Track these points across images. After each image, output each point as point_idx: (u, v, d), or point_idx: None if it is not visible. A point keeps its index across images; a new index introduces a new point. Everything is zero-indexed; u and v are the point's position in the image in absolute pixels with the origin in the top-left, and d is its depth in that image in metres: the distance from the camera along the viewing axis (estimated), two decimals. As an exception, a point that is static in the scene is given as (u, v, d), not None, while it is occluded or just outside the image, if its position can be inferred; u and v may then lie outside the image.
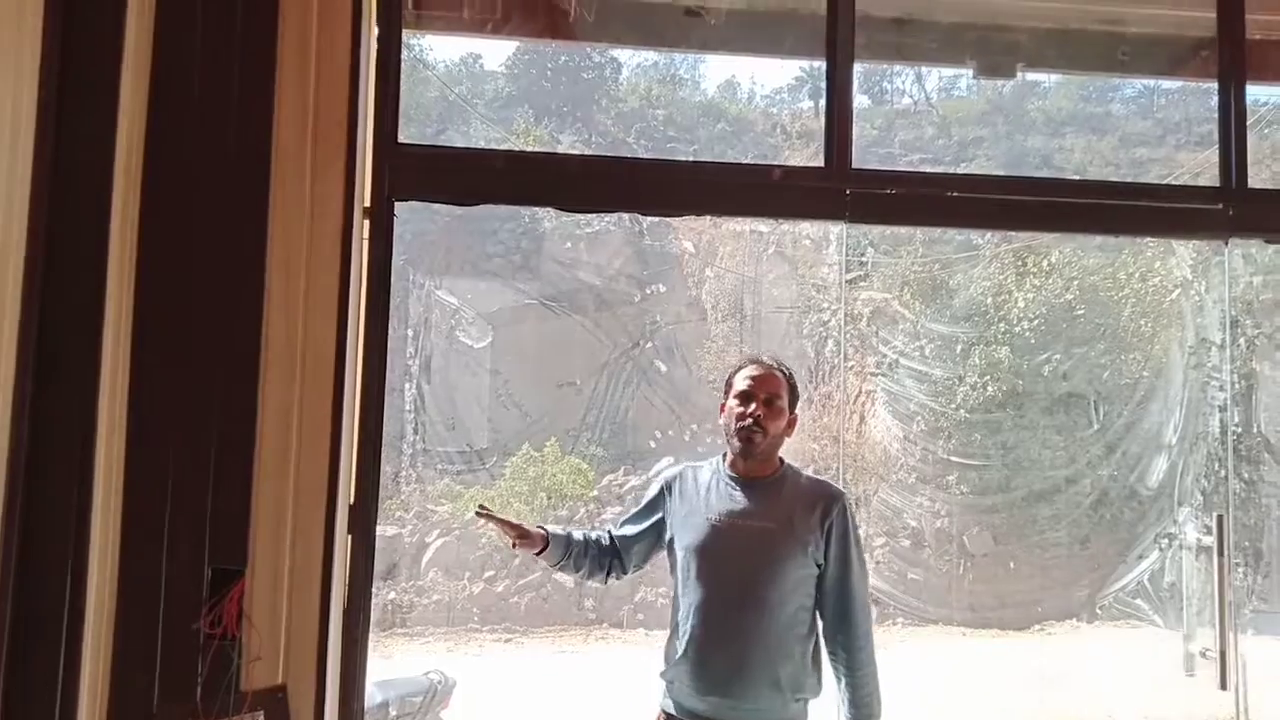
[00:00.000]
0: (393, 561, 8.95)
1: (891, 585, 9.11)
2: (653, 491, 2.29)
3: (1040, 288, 9.77)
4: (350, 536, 2.11)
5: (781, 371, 2.24)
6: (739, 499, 2.17)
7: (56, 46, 1.87)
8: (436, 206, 2.56)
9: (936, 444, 9.45)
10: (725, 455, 2.25)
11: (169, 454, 1.97)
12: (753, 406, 2.17)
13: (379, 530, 2.20)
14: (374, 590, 2.22)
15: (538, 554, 2.24)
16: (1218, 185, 2.61)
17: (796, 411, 2.24)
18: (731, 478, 2.20)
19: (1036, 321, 9.58)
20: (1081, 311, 9.74)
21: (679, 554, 2.18)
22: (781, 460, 2.23)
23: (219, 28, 2.07)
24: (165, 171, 2.03)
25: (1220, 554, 2.77)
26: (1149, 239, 9.12)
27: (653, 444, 9.96)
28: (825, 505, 2.15)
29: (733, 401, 2.21)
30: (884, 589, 9.07)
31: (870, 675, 2.15)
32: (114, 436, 1.94)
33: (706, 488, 2.21)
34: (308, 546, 2.00)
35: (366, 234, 2.19)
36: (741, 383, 2.21)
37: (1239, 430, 8.92)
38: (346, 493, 2.10)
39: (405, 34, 2.32)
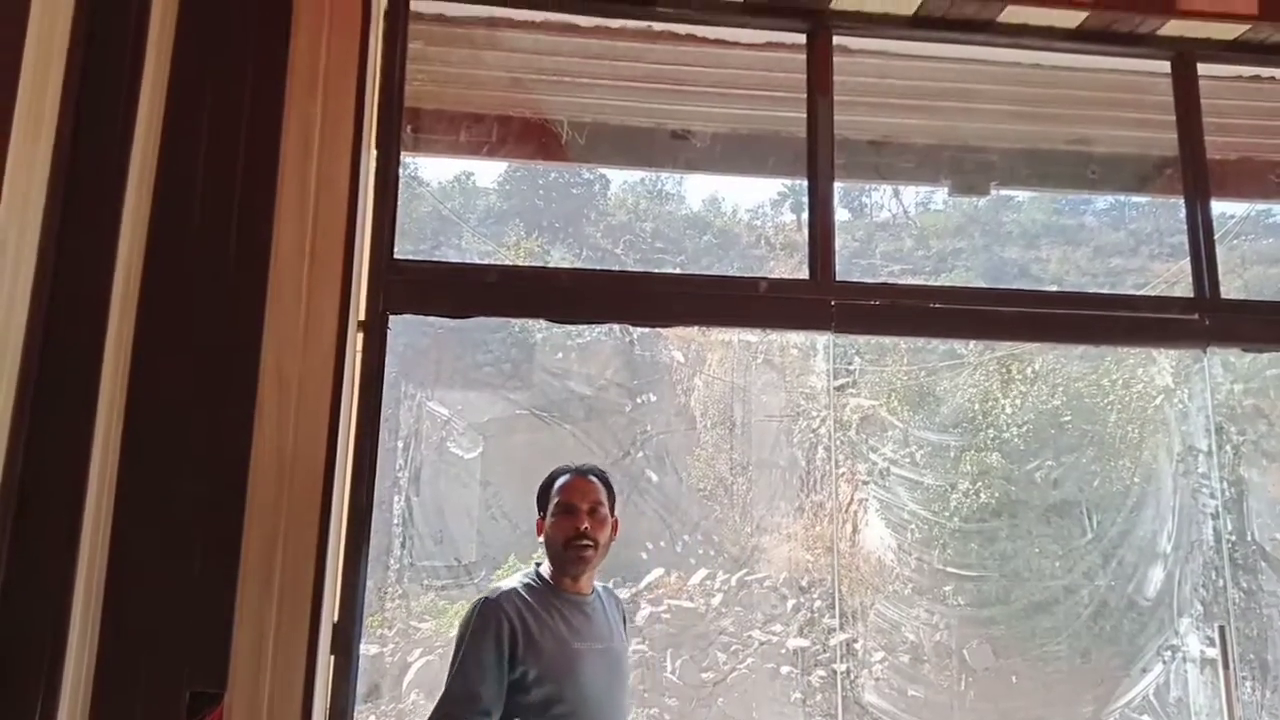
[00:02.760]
0: (374, 683, 8.63)
1: (892, 704, 8.81)
2: (490, 632, 1.96)
3: (1026, 394, 9.86)
4: (333, 657, 2.06)
5: (598, 476, 2.16)
6: (584, 620, 2.05)
7: (64, 161, 1.94)
8: (429, 319, 2.61)
9: (931, 554, 9.33)
10: (539, 573, 2.09)
11: (152, 567, 1.94)
12: (582, 521, 2.06)
13: (360, 650, 2.14)
14: (355, 714, 2.14)
15: None
16: (1192, 296, 2.69)
17: (616, 514, 2.16)
18: (568, 598, 2.06)
19: (1025, 428, 9.63)
20: (1069, 418, 9.80)
21: (540, 690, 1.93)
22: None
23: (223, 145, 2.15)
24: (164, 281, 2.08)
25: (1225, 667, 2.72)
26: (1129, 348, 9.29)
27: (644, 555, 9.79)
28: (620, 605, 2.21)
29: (554, 518, 2.08)
30: (884, 708, 8.77)
31: None
32: (98, 547, 1.91)
33: (547, 610, 2.01)
34: (289, 667, 1.95)
35: (360, 347, 2.22)
36: (561, 495, 2.10)
37: (1234, 539, 8.86)
38: (331, 611, 2.06)
39: (402, 156, 2.41)
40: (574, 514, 2.07)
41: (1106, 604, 9.09)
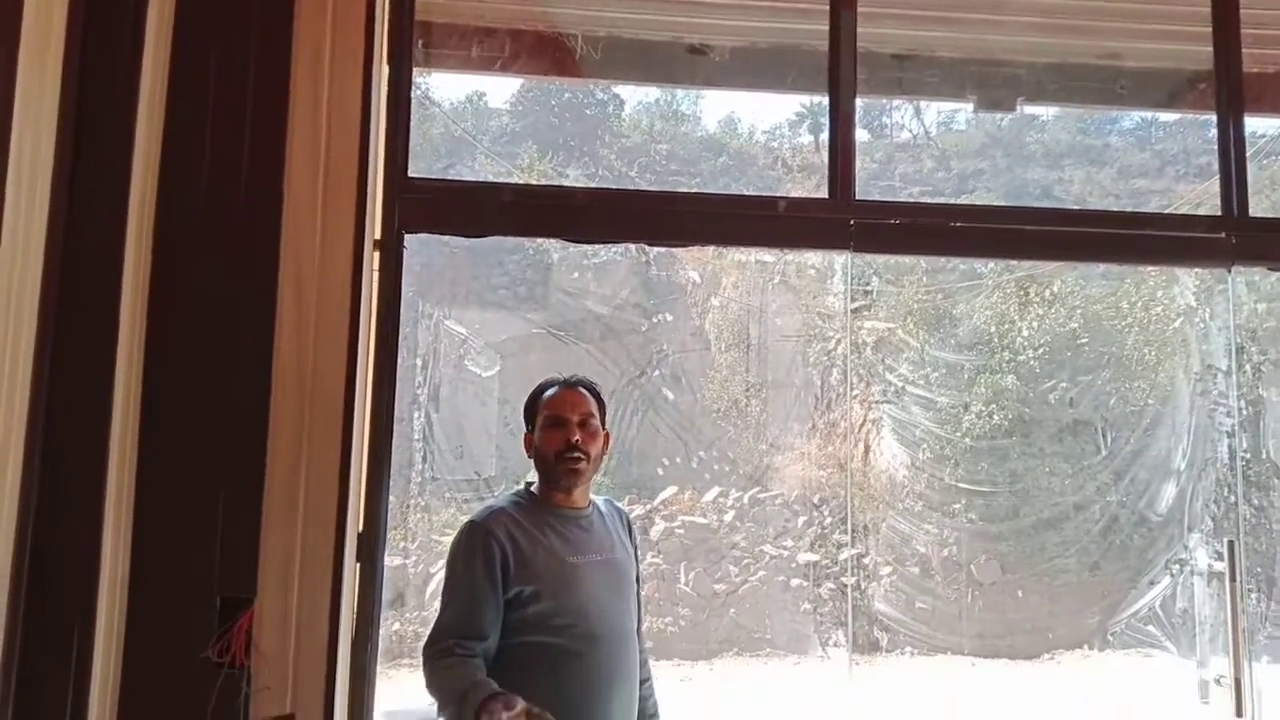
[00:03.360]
0: (399, 591, 8.92)
1: (900, 612, 9.04)
2: (479, 555, 1.89)
3: (1044, 316, 9.79)
4: (359, 565, 2.12)
5: (586, 388, 2.08)
6: (580, 533, 2.00)
7: (73, 79, 1.92)
8: (445, 238, 2.60)
9: (943, 471, 9.43)
10: (530, 491, 2.04)
11: (179, 483, 1.99)
12: (573, 434, 1.98)
13: (384, 560, 2.20)
14: (381, 620, 2.22)
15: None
16: (1219, 214, 2.64)
17: (607, 426, 2.09)
18: (561, 513, 2.00)
19: (1041, 350, 9.59)
20: (1085, 340, 9.75)
21: (537, 606, 1.89)
22: None
23: (233, 61, 2.12)
24: (179, 206, 2.07)
25: (1233, 580, 2.76)
26: (1151, 268, 9.17)
27: (660, 471, 9.94)
28: (625, 518, 2.15)
29: (544, 431, 2.01)
30: (893, 615, 9.00)
31: (651, 676, 2.16)
32: (124, 465, 1.96)
33: (538, 527, 1.96)
34: (317, 575, 2.02)
35: (377, 266, 2.22)
36: (549, 409, 2.02)
37: (1247, 456, 8.89)
38: (355, 521, 2.12)
39: (414, 72, 2.37)
40: (564, 426, 1.98)
41: (1117, 520, 9.21)
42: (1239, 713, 2.65)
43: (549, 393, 2.06)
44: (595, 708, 1.91)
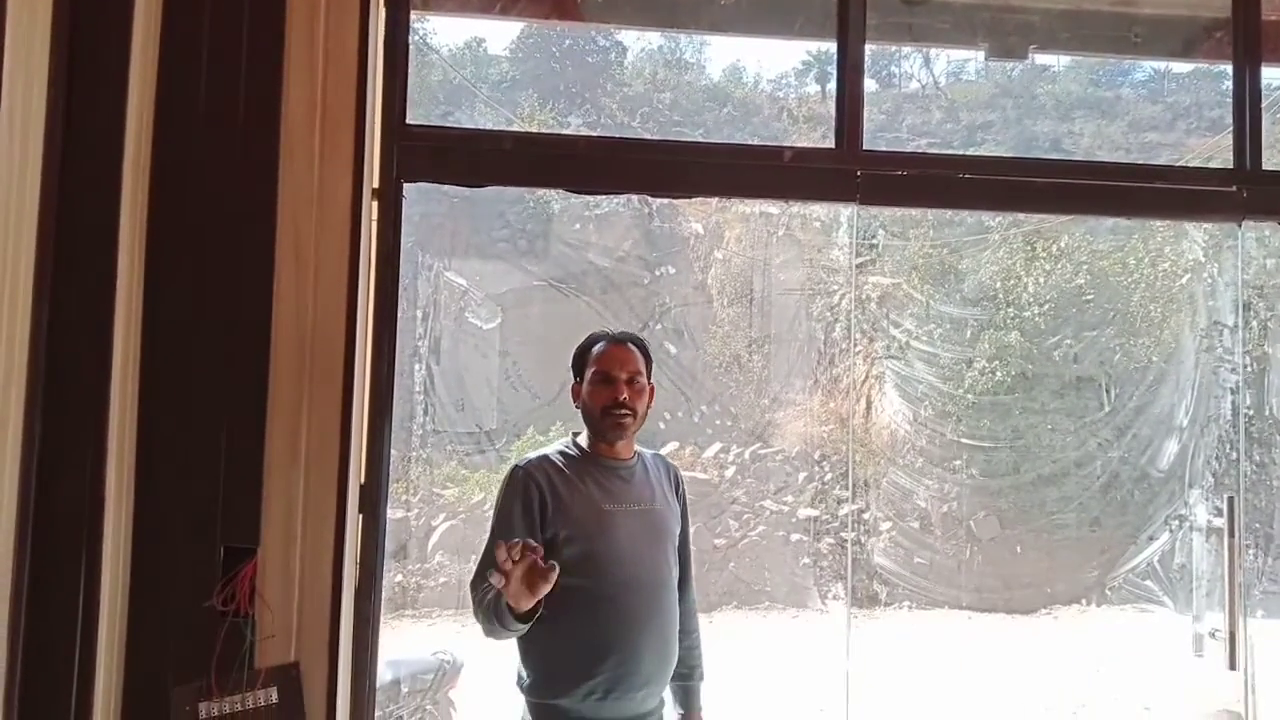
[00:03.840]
0: (401, 543, 9.01)
1: (900, 566, 9.13)
2: (519, 497, 2.00)
3: (1050, 272, 9.73)
4: (361, 516, 2.13)
5: (635, 344, 2.12)
6: (620, 483, 2.07)
7: (65, 34, 1.87)
8: (445, 189, 2.56)
9: (945, 427, 9.45)
10: (576, 442, 2.11)
11: (180, 435, 1.99)
12: (621, 392, 2.04)
13: (387, 512, 2.21)
14: (384, 570, 2.23)
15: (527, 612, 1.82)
16: (1231, 168, 2.59)
17: (653, 380, 2.14)
18: (604, 464, 2.08)
19: (1047, 306, 9.55)
20: (1091, 297, 9.70)
21: (571, 549, 1.96)
22: None
23: (227, 6, 2.07)
24: (174, 155, 2.03)
25: (1231, 535, 2.76)
26: (1160, 222, 9.08)
27: (662, 425, 9.97)
28: (673, 473, 2.20)
29: (591, 386, 2.07)
30: (892, 569, 9.10)
31: (699, 632, 2.22)
32: (126, 418, 1.95)
33: (579, 475, 2.05)
34: (319, 526, 2.02)
35: (375, 216, 2.19)
36: (599, 364, 2.07)
37: (1250, 413, 8.90)
38: (357, 473, 2.11)
39: (412, 15, 2.31)
40: (612, 384, 2.04)
41: (1118, 476, 9.25)
42: (1232, 665, 2.68)
43: (598, 347, 2.11)
44: (628, 652, 1.98)
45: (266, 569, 1.99)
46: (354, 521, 2.09)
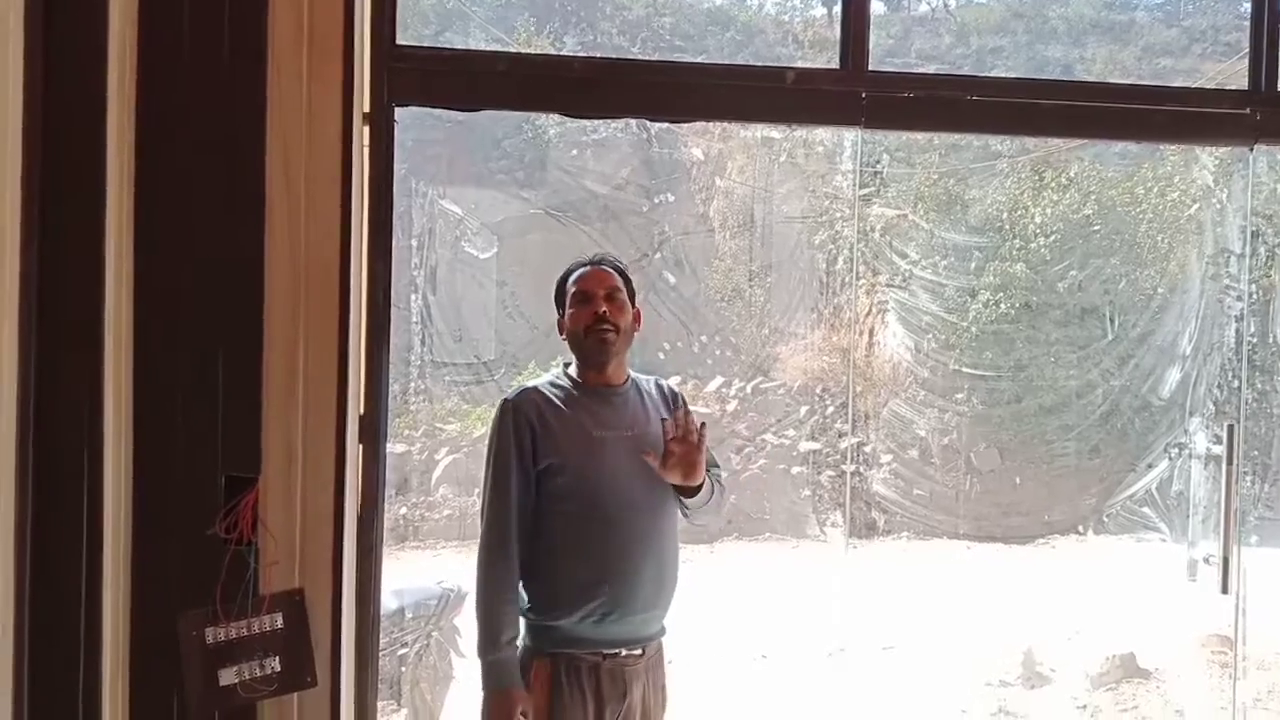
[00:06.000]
0: (404, 477, 9.10)
1: (900, 495, 9.23)
2: (507, 430, 2.04)
3: (1057, 202, 9.59)
4: (361, 446, 2.13)
5: (612, 265, 2.14)
6: (609, 409, 2.08)
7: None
8: (439, 113, 2.50)
9: (948, 358, 9.44)
10: (566, 373, 2.13)
11: (177, 365, 1.97)
12: (600, 305, 2.05)
13: (389, 448, 2.21)
14: (387, 503, 2.24)
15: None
16: (1245, 89, 2.52)
17: (638, 304, 2.15)
18: (594, 391, 2.09)
19: (1053, 237, 9.45)
20: (1098, 227, 9.59)
21: (563, 477, 2.02)
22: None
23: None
24: (159, 77, 1.97)
25: (1229, 462, 2.77)
26: (1170, 148, 8.91)
27: (661, 355, 9.96)
28: (667, 394, 2.19)
29: (572, 309, 2.09)
30: (891, 498, 9.20)
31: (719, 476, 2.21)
32: (121, 352, 1.93)
33: (569, 404, 2.07)
34: (319, 454, 2.02)
35: (367, 141, 2.14)
36: (576, 286, 2.09)
37: (1254, 340, 8.87)
38: (356, 403, 2.11)
39: (402, -71, 2.22)
40: (591, 300, 2.06)
41: (1119, 405, 9.28)
42: (1225, 590, 2.72)
43: (576, 273, 2.13)
44: (624, 575, 2.01)
45: (268, 497, 2.00)
46: (354, 451, 2.09)
